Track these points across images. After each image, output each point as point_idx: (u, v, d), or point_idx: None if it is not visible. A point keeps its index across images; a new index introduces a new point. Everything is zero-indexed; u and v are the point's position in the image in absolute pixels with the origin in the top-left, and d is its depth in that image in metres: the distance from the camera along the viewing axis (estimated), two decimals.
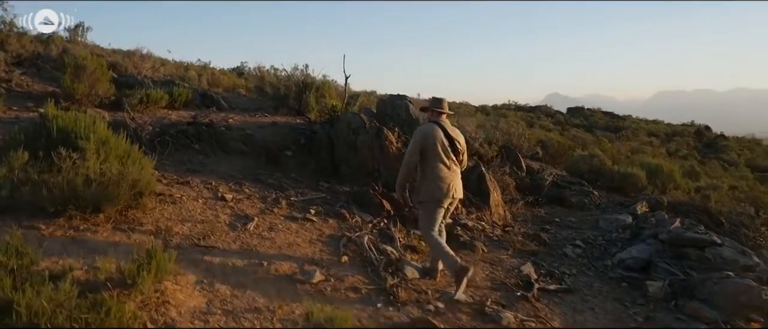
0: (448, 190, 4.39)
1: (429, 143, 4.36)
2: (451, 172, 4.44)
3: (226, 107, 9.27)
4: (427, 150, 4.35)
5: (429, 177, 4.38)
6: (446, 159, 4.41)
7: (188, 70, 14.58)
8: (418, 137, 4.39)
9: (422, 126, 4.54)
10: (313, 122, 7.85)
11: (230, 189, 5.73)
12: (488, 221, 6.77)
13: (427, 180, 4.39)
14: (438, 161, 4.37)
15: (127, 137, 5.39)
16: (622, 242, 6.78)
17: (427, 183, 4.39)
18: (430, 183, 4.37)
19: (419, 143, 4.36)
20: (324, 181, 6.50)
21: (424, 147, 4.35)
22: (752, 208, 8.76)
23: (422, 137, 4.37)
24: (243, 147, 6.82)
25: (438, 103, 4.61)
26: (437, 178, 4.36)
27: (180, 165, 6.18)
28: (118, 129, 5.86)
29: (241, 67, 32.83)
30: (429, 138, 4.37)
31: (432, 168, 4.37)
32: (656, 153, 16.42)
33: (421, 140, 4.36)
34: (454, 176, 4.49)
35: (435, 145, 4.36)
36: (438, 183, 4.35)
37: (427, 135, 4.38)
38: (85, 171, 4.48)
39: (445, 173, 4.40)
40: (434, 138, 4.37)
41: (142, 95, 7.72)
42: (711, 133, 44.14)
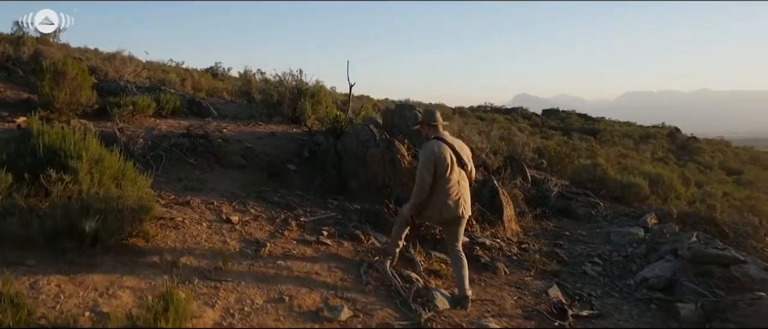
0: (457, 208, 4.28)
1: (439, 161, 4.21)
2: (460, 187, 4.33)
3: (216, 115, 8.75)
4: (438, 168, 4.21)
5: (438, 196, 4.25)
6: (455, 174, 4.29)
7: (168, 73, 13.93)
8: (428, 157, 4.23)
9: (428, 144, 4.34)
10: (314, 132, 7.41)
11: (235, 210, 5.27)
12: (503, 237, 6.47)
13: (435, 199, 4.26)
14: (446, 177, 4.24)
15: (118, 153, 4.92)
16: (639, 258, 6.57)
17: (434, 202, 4.27)
18: (437, 202, 4.25)
19: (430, 162, 4.20)
20: (332, 198, 6.09)
21: (435, 166, 4.20)
22: (755, 217, 8.71)
23: (432, 156, 4.21)
24: (242, 161, 6.36)
25: (432, 116, 4.46)
26: (446, 196, 4.24)
27: (176, 182, 5.68)
28: (108, 143, 5.37)
29: (216, 68, 32.04)
30: (439, 156, 4.22)
31: (440, 186, 4.24)
32: (643, 158, 16.44)
33: (432, 159, 4.21)
34: (464, 192, 4.38)
35: (444, 162, 4.22)
36: (447, 201, 4.24)
37: (435, 153, 4.22)
38: (79, 195, 4.01)
39: (455, 189, 4.28)
40: (443, 156, 4.23)
41: (129, 103, 7.17)
42: (683, 135, 45.14)
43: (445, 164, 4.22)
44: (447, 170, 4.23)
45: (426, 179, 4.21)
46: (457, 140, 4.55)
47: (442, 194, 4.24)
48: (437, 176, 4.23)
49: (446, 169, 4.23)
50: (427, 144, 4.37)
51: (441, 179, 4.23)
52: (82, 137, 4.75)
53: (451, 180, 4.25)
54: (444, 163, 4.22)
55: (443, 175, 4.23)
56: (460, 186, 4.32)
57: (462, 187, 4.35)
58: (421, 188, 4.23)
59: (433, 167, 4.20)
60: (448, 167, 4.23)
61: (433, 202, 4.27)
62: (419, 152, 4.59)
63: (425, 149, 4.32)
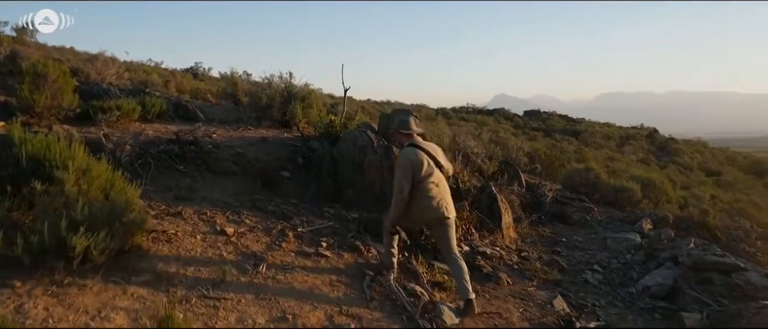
0: (439, 211, 4.24)
1: (416, 168, 4.19)
2: (439, 190, 4.31)
3: (203, 119, 8.47)
4: (415, 175, 4.19)
5: (418, 200, 4.21)
6: (434, 178, 4.28)
7: (150, 74, 13.54)
8: (405, 165, 4.19)
9: (404, 152, 4.31)
10: (306, 137, 7.20)
11: (229, 221, 5.05)
12: (502, 245, 6.35)
13: (416, 203, 4.22)
14: (426, 182, 4.22)
15: (106, 161, 4.67)
16: (638, 265, 6.52)
17: (416, 207, 4.22)
18: (419, 207, 4.21)
19: (408, 170, 4.18)
20: (328, 206, 5.89)
21: (412, 173, 4.18)
22: (746, 221, 8.77)
23: (409, 164, 4.19)
24: (234, 168, 6.12)
25: (405, 124, 4.48)
26: (427, 199, 4.21)
27: (166, 191, 5.43)
28: (93, 150, 5.10)
29: (196, 68, 31.52)
30: (415, 164, 4.20)
31: (420, 190, 4.21)
32: (628, 161, 16.54)
33: (409, 167, 4.18)
34: (444, 194, 4.35)
35: (420, 167, 4.20)
36: (428, 204, 4.21)
37: (412, 161, 4.20)
38: (65, 208, 3.76)
39: (435, 192, 4.26)
40: (420, 162, 4.22)
41: (113, 107, 6.87)
42: (661, 136, 45.80)
43: (423, 170, 4.20)
44: (425, 175, 4.21)
45: (404, 188, 4.17)
46: (430, 144, 4.51)
47: (422, 198, 4.21)
48: (416, 182, 4.20)
49: (424, 174, 4.20)
50: (402, 152, 4.32)
51: (420, 183, 4.20)
52: (67, 145, 4.49)
53: (430, 184, 4.23)
54: (421, 169, 4.19)
55: (422, 180, 4.20)
56: (439, 188, 4.30)
57: (442, 189, 4.34)
58: (400, 198, 4.19)
59: (411, 175, 4.17)
60: (425, 172, 4.21)
61: (414, 207, 4.22)
62: (396, 162, 4.51)
63: (402, 157, 4.27)
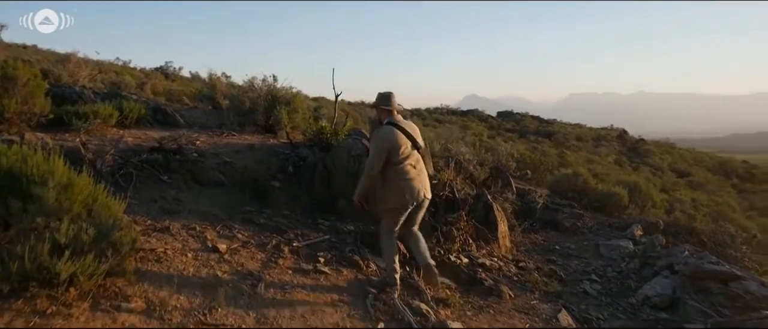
0: (418, 193, 4.22)
1: (393, 148, 4.14)
2: (417, 171, 4.27)
3: (183, 124, 8.11)
4: (391, 155, 4.14)
5: (396, 182, 4.16)
6: (412, 160, 4.24)
7: (122, 75, 13.00)
8: (380, 143, 4.14)
9: (382, 130, 4.23)
10: (295, 144, 6.93)
11: (220, 235, 4.76)
12: (499, 255, 6.21)
13: (394, 185, 4.16)
14: (404, 164, 4.18)
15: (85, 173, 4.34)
16: (634, 273, 6.46)
17: (394, 188, 4.17)
18: (397, 188, 4.16)
19: (384, 150, 4.12)
20: (322, 218, 5.65)
21: (388, 153, 4.13)
22: (730, 225, 8.84)
23: (385, 143, 4.14)
24: (221, 178, 5.82)
25: (386, 100, 4.36)
26: (405, 181, 4.16)
27: (151, 204, 5.10)
28: (71, 161, 4.75)
29: (166, 68, 30.70)
30: (392, 143, 4.14)
31: (398, 172, 4.16)
32: (606, 163, 16.68)
33: (384, 145, 4.13)
34: (422, 175, 4.32)
35: (398, 148, 4.15)
36: (407, 186, 4.16)
37: (389, 140, 4.15)
38: (46, 228, 3.43)
39: (413, 173, 4.22)
40: (398, 142, 4.16)
41: (89, 112, 6.48)
42: (631, 137, 46.75)
43: (401, 150, 4.15)
44: (403, 156, 4.16)
45: (375, 166, 4.12)
46: (408, 122, 4.43)
47: (403, 179, 4.15)
48: (395, 162, 4.14)
49: (402, 156, 4.16)
50: (380, 130, 4.23)
51: (399, 164, 4.15)
52: (45, 157, 4.14)
53: (407, 166, 4.19)
54: (399, 149, 4.14)
55: (400, 161, 4.15)
56: (417, 170, 4.26)
57: (420, 170, 4.30)
58: (370, 175, 4.17)
59: (386, 155, 4.11)
60: (403, 153, 4.16)
61: (393, 189, 4.16)
62: (371, 139, 4.37)
63: (379, 135, 4.18)
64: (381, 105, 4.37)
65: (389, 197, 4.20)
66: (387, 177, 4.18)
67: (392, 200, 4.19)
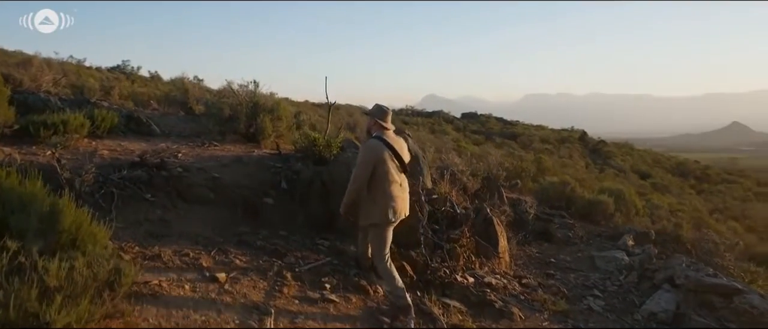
0: (400, 210, 4.23)
1: (380, 162, 4.11)
2: (402, 189, 4.28)
3: (159, 133, 7.60)
4: (378, 169, 4.11)
5: (382, 197, 4.12)
6: (397, 177, 4.24)
7: (85, 78, 12.22)
8: (368, 156, 4.11)
9: (371, 143, 4.19)
10: (284, 155, 6.55)
11: (216, 262, 4.36)
12: (501, 272, 6.01)
13: (380, 200, 4.12)
14: (390, 179, 4.15)
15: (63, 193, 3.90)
16: (634, 287, 6.38)
17: (380, 203, 4.12)
18: (383, 203, 4.12)
19: (371, 163, 4.09)
20: (321, 237, 5.31)
21: (375, 167, 4.10)
22: (713, 232, 8.94)
23: (373, 156, 4.11)
24: (209, 195, 5.40)
25: (382, 114, 4.33)
26: (390, 198, 4.13)
27: (136, 227, 4.66)
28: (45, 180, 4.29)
29: (124, 67, 29.44)
30: (378, 157, 4.11)
31: (384, 188, 4.13)
32: (578, 167, 16.85)
33: (373, 159, 4.10)
34: (405, 193, 4.33)
35: (386, 163, 4.14)
36: (391, 203, 4.13)
37: (376, 153, 4.12)
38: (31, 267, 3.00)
39: (398, 191, 4.21)
40: (383, 156, 4.14)
41: (58, 122, 5.94)
42: (592, 138, 47.73)
43: (386, 165, 4.13)
44: (390, 172, 4.15)
45: (360, 178, 4.09)
46: (397, 139, 4.40)
47: (388, 196, 4.13)
48: (380, 177, 4.12)
49: (388, 170, 4.13)
50: (369, 143, 4.19)
51: (384, 180, 4.13)
52: (19, 179, 3.67)
53: (395, 181, 4.18)
54: (385, 164, 4.12)
55: (386, 176, 4.13)
56: (402, 188, 4.28)
57: (404, 189, 4.32)
58: (355, 189, 4.13)
59: (372, 168, 4.08)
60: (390, 169, 4.15)
61: (382, 204, 4.11)
62: (360, 152, 4.28)
63: (367, 148, 4.16)
64: (376, 117, 4.30)
65: (374, 212, 4.14)
66: (372, 192, 4.13)
67: (377, 215, 4.13)
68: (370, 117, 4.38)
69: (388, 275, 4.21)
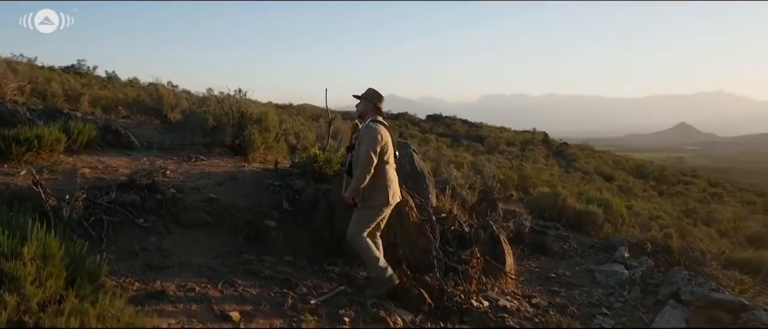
0: (395, 194, 4.38)
1: (384, 145, 4.25)
2: (394, 174, 4.44)
3: (138, 146, 7.07)
4: (382, 153, 4.24)
5: (381, 180, 4.26)
6: (393, 161, 4.42)
7: (50, 82, 11.42)
8: (375, 139, 4.18)
9: (374, 127, 4.27)
10: (281, 171, 6.17)
11: (225, 296, 3.99)
12: (510, 292, 5.83)
13: (382, 184, 4.27)
14: (388, 163, 4.32)
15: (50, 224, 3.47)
16: (640, 303, 6.31)
17: (379, 187, 4.26)
18: (382, 187, 4.26)
19: (378, 145, 4.18)
20: (330, 263, 4.99)
21: (381, 150, 4.23)
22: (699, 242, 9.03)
23: (381, 140, 4.21)
24: (207, 218, 4.99)
25: (379, 97, 4.44)
26: (388, 181, 4.30)
27: (132, 258, 4.22)
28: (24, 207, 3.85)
29: (79, 67, 28.03)
30: (384, 140, 4.26)
31: (386, 171, 4.29)
32: (553, 173, 16.97)
33: (380, 142, 4.20)
34: (397, 178, 4.49)
35: (388, 147, 4.31)
36: (389, 187, 4.29)
37: (382, 137, 4.24)
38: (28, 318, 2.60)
39: (393, 175, 4.38)
40: (387, 141, 4.31)
41: (32, 137, 5.40)
42: (555, 140, 48.64)
43: (388, 149, 4.29)
44: (390, 155, 4.33)
45: (372, 161, 4.12)
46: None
47: (387, 179, 4.27)
48: (383, 161, 4.25)
49: (388, 155, 4.30)
50: (371, 126, 4.26)
51: (386, 163, 4.27)
52: (10, 217, 3.22)
53: (391, 168, 4.35)
54: (387, 147, 4.29)
55: (388, 160, 4.29)
56: (395, 172, 4.45)
57: (396, 174, 4.49)
58: (367, 171, 4.12)
59: (379, 150, 4.17)
60: (389, 155, 4.32)
61: (382, 186, 4.25)
62: (362, 134, 4.31)
63: (371, 131, 4.21)
64: (374, 101, 4.39)
65: (374, 195, 4.25)
66: (375, 176, 4.20)
67: (377, 198, 4.25)
68: (366, 101, 4.41)
69: (367, 248, 4.29)
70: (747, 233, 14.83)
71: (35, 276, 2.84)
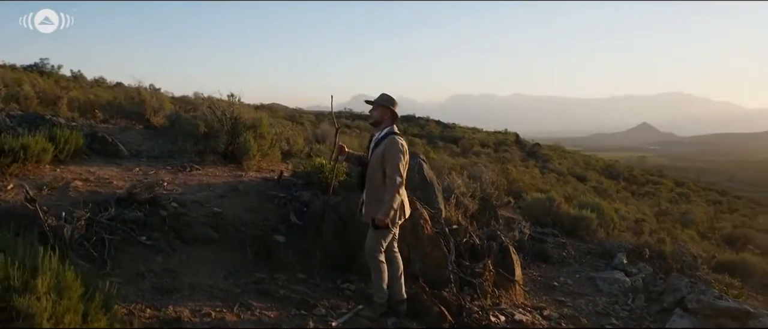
0: (407, 207, 4.20)
1: (407, 160, 4.08)
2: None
3: (127, 154, 6.70)
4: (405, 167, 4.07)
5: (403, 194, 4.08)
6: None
7: (21, 85, 10.80)
8: (403, 153, 4.00)
9: (398, 139, 4.06)
10: (284, 181, 5.92)
11: (242, 320, 3.74)
12: (521, 304, 5.72)
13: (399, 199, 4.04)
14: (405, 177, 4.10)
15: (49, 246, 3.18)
16: (645, 311, 6.30)
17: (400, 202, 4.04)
18: (402, 202, 4.08)
19: (405, 160, 4.01)
20: (343, 280, 4.77)
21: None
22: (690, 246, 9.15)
23: (405, 153, 4.04)
24: (212, 234, 4.71)
25: (396, 103, 4.21)
26: (404, 196, 4.11)
27: (139, 280, 3.93)
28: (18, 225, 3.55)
29: (42, 66, 26.90)
30: (408, 154, 4.10)
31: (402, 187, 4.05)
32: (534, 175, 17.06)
33: (406, 155, 4.03)
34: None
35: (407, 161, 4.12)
36: (403, 201, 4.11)
37: (407, 151, 4.09)
38: None
39: (404, 189, 4.12)
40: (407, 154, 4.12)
41: (18, 147, 5.02)
42: (527, 141, 49.17)
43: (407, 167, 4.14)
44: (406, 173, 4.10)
45: (402, 179, 3.94)
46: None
47: (403, 194, 4.05)
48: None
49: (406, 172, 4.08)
50: (396, 139, 4.03)
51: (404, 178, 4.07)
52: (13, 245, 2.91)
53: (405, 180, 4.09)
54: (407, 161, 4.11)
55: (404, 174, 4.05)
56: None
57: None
58: (401, 187, 3.94)
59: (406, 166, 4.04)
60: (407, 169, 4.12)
61: (400, 202, 4.05)
62: (386, 148, 4.01)
63: (396, 145, 3.98)
64: (394, 108, 4.16)
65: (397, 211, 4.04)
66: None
67: (398, 213, 4.05)
68: (382, 107, 4.15)
69: (382, 270, 4.11)
70: (723, 234, 15.21)
71: (51, 313, 2.57)
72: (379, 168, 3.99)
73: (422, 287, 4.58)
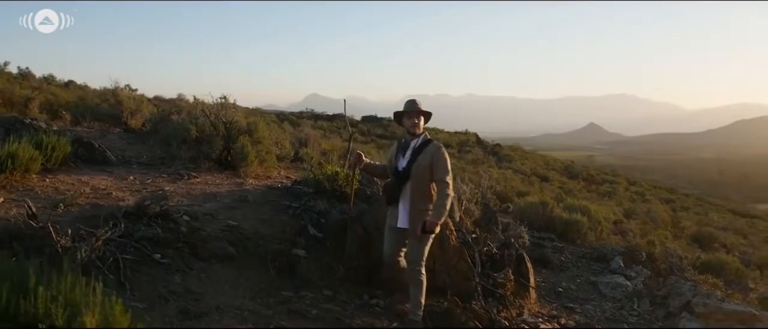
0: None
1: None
2: None
3: (116, 161, 6.23)
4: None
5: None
6: None
7: None
8: (447, 158, 4.00)
9: (440, 146, 4.08)
10: (294, 190, 5.62)
11: None
12: (537, 312, 5.63)
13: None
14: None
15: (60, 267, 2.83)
16: (652, 316, 6.34)
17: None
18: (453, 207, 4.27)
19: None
20: (370, 295, 4.54)
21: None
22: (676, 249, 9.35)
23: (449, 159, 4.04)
24: (230, 250, 4.38)
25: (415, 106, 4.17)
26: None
27: (162, 304, 3.58)
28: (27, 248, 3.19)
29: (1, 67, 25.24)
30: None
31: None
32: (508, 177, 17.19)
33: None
34: None
35: None
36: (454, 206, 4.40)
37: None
38: None
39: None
40: None
41: (4, 155, 4.55)
42: (489, 142, 49.80)
43: None
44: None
45: (451, 186, 3.90)
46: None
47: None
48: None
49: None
50: (441, 145, 4.07)
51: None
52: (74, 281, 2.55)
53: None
54: None
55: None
56: None
57: None
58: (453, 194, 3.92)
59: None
60: None
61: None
62: (433, 151, 3.99)
63: (443, 152, 4.00)
64: (427, 117, 4.20)
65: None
66: (431, 198, 3.96)
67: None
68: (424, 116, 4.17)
69: (422, 283, 3.96)
70: (689, 233, 15.75)
71: None
72: (427, 176, 3.82)
73: (455, 301, 4.41)
